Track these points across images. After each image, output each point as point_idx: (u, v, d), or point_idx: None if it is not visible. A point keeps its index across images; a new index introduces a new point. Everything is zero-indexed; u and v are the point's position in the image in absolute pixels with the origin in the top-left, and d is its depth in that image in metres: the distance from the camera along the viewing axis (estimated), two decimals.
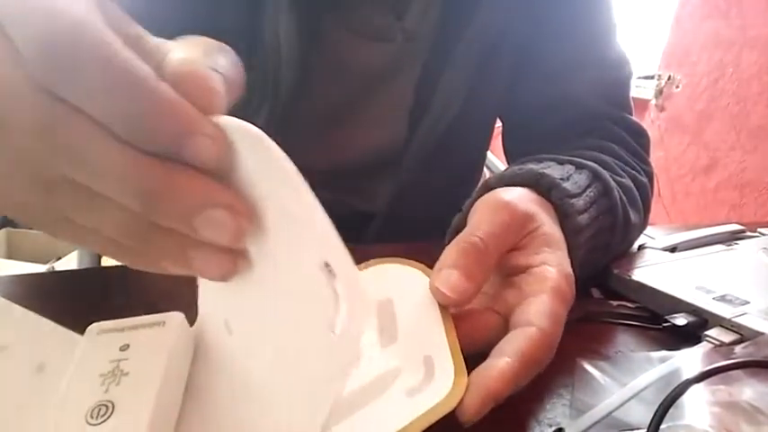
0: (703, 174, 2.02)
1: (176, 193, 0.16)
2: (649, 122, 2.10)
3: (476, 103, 0.55)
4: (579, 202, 0.37)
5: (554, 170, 0.38)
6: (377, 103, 0.55)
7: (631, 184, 0.45)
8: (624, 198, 0.42)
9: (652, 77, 2.09)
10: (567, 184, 0.37)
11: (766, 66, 1.80)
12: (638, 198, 0.46)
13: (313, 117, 0.55)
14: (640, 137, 0.54)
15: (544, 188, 0.36)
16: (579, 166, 0.41)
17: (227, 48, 0.20)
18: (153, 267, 0.19)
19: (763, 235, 0.56)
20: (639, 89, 2.08)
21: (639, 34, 2.07)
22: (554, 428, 0.27)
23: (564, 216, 0.36)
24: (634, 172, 0.48)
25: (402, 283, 0.30)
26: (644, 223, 0.49)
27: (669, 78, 2.05)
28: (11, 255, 2.00)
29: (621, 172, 0.46)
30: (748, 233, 0.56)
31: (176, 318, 0.23)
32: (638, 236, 0.49)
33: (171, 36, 0.56)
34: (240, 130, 0.17)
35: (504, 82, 0.56)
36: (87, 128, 0.15)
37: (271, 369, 0.22)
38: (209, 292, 0.24)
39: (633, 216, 0.43)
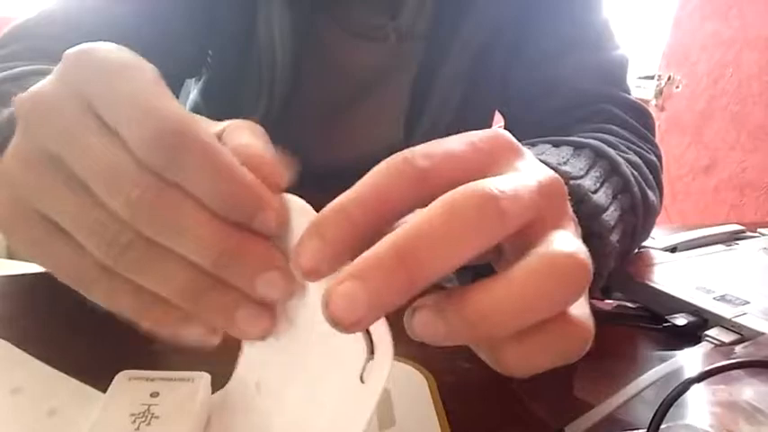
0: (703, 174, 2.02)
1: (246, 254, 0.19)
2: None
3: (472, 102, 0.55)
4: (587, 182, 0.33)
5: (549, 156, 0.35)
6: (372, 103, 0.55)
7: (639, 161, 0.42)
8: (636, 173, 0.39)
9: (652, 77, 2.09)
10: (566, 167, 0.33)
11: (766, 66, 1.80)
12: (650, 175, 0.42)
13: (308, 116, 0.55)
14: (645, 117, 0.52)
15: None
16: (578, 146, 0.37)
17: (260, 127, 0.23)
18: (185, 332, 0.21)
19: (763, 235, 0.57)
20: (639, 89, 2.08)
21: (639, 34, 2.07)
22: (554, 428, 0.27)
23: (578, 202, 0.31)
24: (640, 149, 0.45)
25: (399, 378, 0.30)
26: (659, 205, 0.45)
27: (669, 78, 2.05)
28: (11, 255, 2.00)
29: (626, 149, 0.43)
30: (748, 233, 0.56)
31: (204, 377, 0.25)
32: (656, 217, 0.45)
33: (168, 35, 0.56)
34: (296, 205, 0.20)
35: (499, 80, 0.57)
36: (182, 198, 0.19)
37: (293, 423, 0.22)
38: (248, 356, 0.25)
39: (650, 194, 0.40)
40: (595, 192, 0.33)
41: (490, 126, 0.64)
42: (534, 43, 0.55)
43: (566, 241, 0.18)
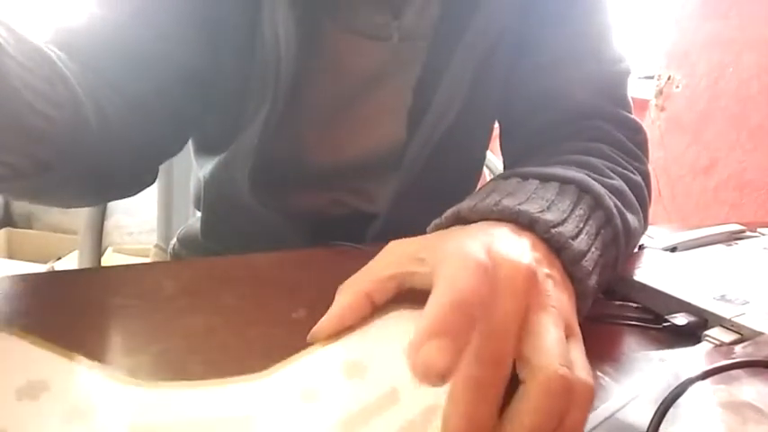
0: (703, 174, 2.01)
1: None
2: (649, 122, 2.10)
3: (475, 105, 0.55)
4: (568, 227, 0.33)
5: (535, 198, 0.35)
6: (375, 101, 0.55)
7: (623, 186, 0.43)
8: (618, 202, 0.40)
9: (652, 77, 2.09)
10: (548, 215, 0.33)
11: (766, 66, 1.80)
12: (633, 199, 0.43)
13: (312, 116, 0.55)
14: (636, 133, 0.52)
15: (525, 224, 0.33)
16: (564, 182, 0.38)
17: None
18: None
19: (763, 235, 0.57)
20: (639, 89, 2.08)
21: (639, 34, 2.07)
22: None
23: (559, 249, 0.32)
24: (626, 172, 0.46)
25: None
26: (644, 224, 0.46)
27: (669, 78, 2.05)
28: (11, 255, 2.00)
29: (612, 174, 0.43)
30: (748, 233, 0.56)
31: None
32: (640, 239, 0.47)
33: (172, 38, 0.56)
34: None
35: (502, 83, 0.57)
36: None
37: None
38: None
39: (631, 219, 0.41)
40: (576, 236, 0.33)
41: (492, 127, 0.64)
42: (532, 54, 0.55)
43: (544, 355, 0.24)
